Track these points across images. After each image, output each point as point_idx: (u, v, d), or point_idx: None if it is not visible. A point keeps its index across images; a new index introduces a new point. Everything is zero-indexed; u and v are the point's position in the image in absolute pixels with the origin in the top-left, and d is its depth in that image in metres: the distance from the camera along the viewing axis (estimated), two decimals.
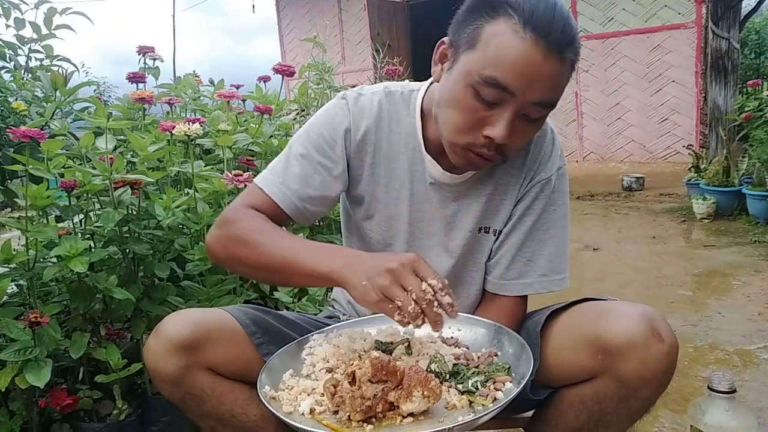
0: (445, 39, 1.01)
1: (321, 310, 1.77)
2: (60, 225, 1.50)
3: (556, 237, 1.14)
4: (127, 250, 1.48)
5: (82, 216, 1.56)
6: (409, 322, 0.82)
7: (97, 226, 1.53)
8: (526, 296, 1.16)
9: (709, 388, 0.93)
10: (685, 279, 3.26)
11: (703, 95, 6.70)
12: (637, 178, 6.36)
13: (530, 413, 1.15)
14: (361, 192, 1.15)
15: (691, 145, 6.26)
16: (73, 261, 1.25)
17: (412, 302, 0.81)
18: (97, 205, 1.60)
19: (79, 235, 1.41)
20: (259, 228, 1.04)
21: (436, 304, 0.83)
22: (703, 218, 4.64)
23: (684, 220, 4.76)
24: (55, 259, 1.40)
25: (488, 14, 0.92)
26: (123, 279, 1.47)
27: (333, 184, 1.11)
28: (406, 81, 1.24)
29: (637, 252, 3.95)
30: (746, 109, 4.87)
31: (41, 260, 1.38)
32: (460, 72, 0.95)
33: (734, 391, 0.91)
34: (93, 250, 1.44)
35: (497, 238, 1.15)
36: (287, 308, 1.76)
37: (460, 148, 1.00)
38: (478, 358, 0.92)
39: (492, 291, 1.16)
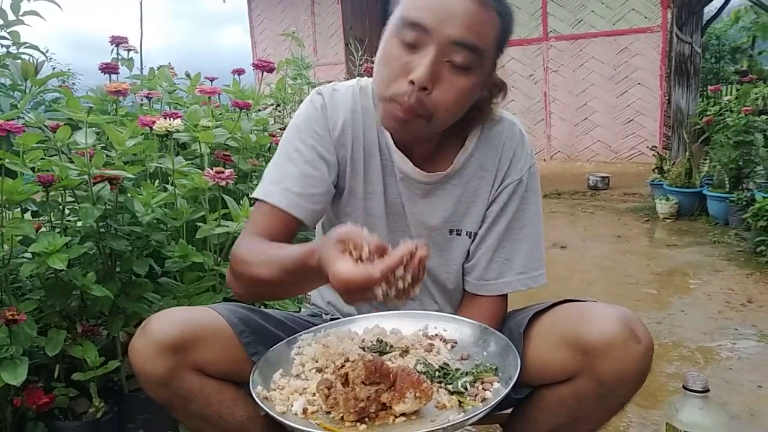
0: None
1: (300, 308, 1.77)
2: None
3: (532, 234, 1.17)
4: (104, 246, 1.46)
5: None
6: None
7: (69, 221, 1.50)
8: (506, 295, 1.19)
9: (684, 387, 0.98)
10: (649, 278, 3.36)
11: (667, 98, 6.88)
12: (602, 177, 6.51)
13: (509, 410, 1.18)
14: (341, 187, 1.15)
15: (655, 146, 6.43)
16: (52, 257, 1.22)
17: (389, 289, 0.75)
18: (69, 199, 1.56)
19: (56, 230, 1.38)
20: (254, 250, 1.01)
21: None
22: (666, 218, 4.79)
23: (647, 220, 4.90)
24: (29, 255, 1.37)
25: None
26: (99, 275, 1.45)
27: (332, 175, 1.12)
28: None
29: (602, 250, 4.05)
30: (708, 113, 5.03)
31: (15, 256, 1.35)
32: (388, 28, 1.00)
33: (707, 391, 0.96)
34: (68, 246, 1.41)
35: (473, 240, 1.18)
36: (264, 306, 1.76)
37: (387, 101, 0.99)
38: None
39: (472, 292, 1.19)
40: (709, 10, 9.59)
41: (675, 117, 7.01)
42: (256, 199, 1.10)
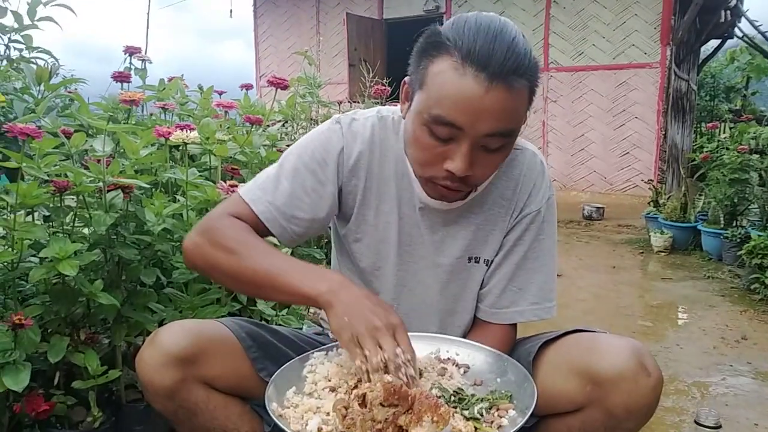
0: (407, 78, 1.04)
1: (303, 324, 1.77)
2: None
3: (546, 265, 1.18)
4: (113, 254, 1.46)
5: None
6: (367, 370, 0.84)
7: (75, 227, 1.50)
8: (516, 324, 1.19)
9: (696, 422, 0.98)
10: (644, 310, 3.38)
11: (663, 133, 6.98)
12: (597, 207, 6.56)
13: None
14: (352, 215, 1.16)
15: (651, 179, 6.50)
16: (63, 263, 1.22)
17: (380, 358, 0.84)
18: (73, 204, 1.55)
19: (68, 237, 1.37)
20: (244, 239, 1.02)
21: (402, 371, 0.84)
22: (660, 251, 4.82)
23: (642, 252, 4.93)
24: (35, 260, 1.36)
25: (432, 54, 0.94)
26: (106, 283, 1.44)
27: (322, 207, 1.10)
28: (398, 105, 1.25)
29: (598, 280, 4.07)
30: (705, 149, 5.09)
31: (23, 260, 1.34)
32: (413, 112, 0.98)
33: (720, 427, 0.96)
34: (77, 252, 1.40)
35: (488, 268, 1.18)
36: (267, 321, 1.75)
37: (425, 180, 1.03)
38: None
39: (484, 319, 1.19)
40: (706, 49, 9.81)
41: (670, 152, 7.12)
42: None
